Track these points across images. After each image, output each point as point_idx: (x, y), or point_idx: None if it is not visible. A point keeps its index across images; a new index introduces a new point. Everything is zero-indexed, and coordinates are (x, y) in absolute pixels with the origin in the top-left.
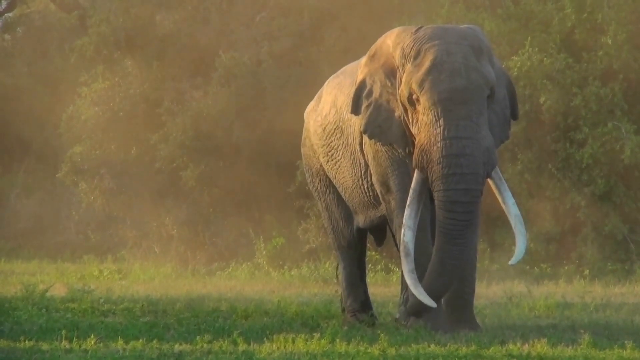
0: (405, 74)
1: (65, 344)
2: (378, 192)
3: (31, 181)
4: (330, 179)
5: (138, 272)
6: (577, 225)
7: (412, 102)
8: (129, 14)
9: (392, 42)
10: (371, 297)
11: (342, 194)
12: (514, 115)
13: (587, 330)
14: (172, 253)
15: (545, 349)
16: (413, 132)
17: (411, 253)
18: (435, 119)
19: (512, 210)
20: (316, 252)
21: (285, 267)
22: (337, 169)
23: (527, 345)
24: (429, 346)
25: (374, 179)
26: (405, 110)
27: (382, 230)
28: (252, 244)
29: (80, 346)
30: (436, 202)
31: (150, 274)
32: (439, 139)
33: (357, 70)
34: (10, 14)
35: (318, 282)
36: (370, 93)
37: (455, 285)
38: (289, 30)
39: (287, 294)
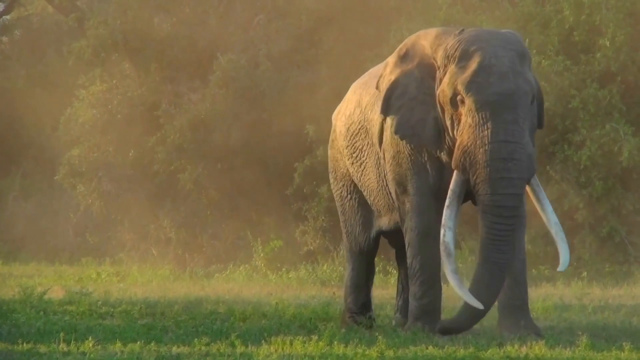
0: (448, 75)
1: (63, 346)
2: (392, 190)
3: (29, 184)
4: (354, 185)
5: (136, 275)
6: (575, 227)
7: (455, 103)
8: (127, 16)
9: (429, 43)
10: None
11: (367, 196)
12: (540, 124)
13: (585, 332)
14: (169, 255)
15: (543, 351)
16: (451, 134)
17: (452, 253)
18: (483, 122)
19: (551, 218)
20: (314, 255)
21: (283, 269)
22: (362, 170)
23: (525, 347)
24: (426, 348)
25: (390, 177)
26: (443, 111)
27: (400, 234)
28: (249, 247)
29: (78, 349)
30: (481, 206)
31: (148, 276)
32: (486, 142)
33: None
34: (7, 17)
35: (316, 285)
36: (403, 93)
37: (511, 289)
38: (287, 33)
39: (284, 297)
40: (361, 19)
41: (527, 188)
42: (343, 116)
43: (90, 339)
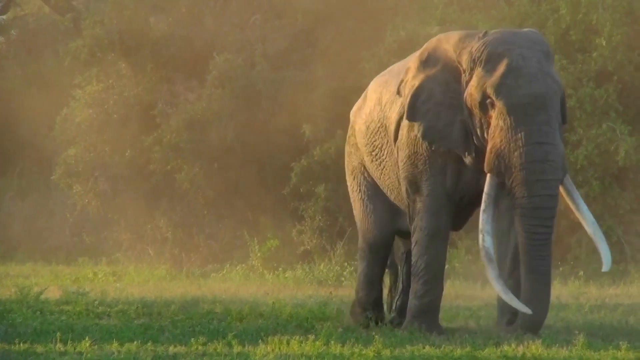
0: (475, 78)
1: (59, 346)
2: (403, 188)
3: (25, 184)
4: (370, 180)
5: (132, 275)
6: (571, 226)
7: (484, 106)
8: (123, 16)
9: (452, 46)
10: None
11: (389, 194)
12: (564, 120)
13: (581, 331)
14: (166, 255)
15: (540, 350)
16: (480, 136)
17: (493, 259)
18: (515, 124)
19: (587, 217)
20: (311, 254)
21: (280, 269)
22: (382, 169)
23: (521, 346)
24: (423, 348)
25: (402, 176)
26: (471, 114)
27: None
28: (246, 246)
29: (74, 348)
30: (518, 210)
31: (145, 276)
32: (520, 145)
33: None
34: (3, 17)
35: (312, 284)
36: (429, 98)
37: (512, 290)
38: (283, 33)
39: (281, 296)
40: (357, 18)
41: (561, 188)
42: (363, 114)
43: (87, 338)
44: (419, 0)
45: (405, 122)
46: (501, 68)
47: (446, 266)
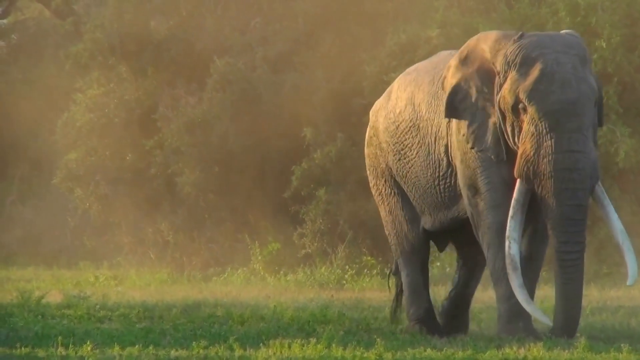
0: (509, 82)
1: (61, 350)
2: (465, 195)
3: (26, 188)
4: (396, 181)
5: (134, 278)
6: None
7: (516, 110)
8: (124, 20)
9: (489, 47)
10: (367, 302)
11: (411, 194)
12: (600, 122)
13: (583, 333)
14: (167, 259)
15: (541, 353)
16: (512, 140)
17: (518, 267)
18: (546, 131)
19: (616, 225)
20: (312, 257)
21: (281, 272)
22: (409, 168)
23: (523, 349)
24: (425, 350)
25: (462, 183)
26: (503, 117)
27: (445, 235)
28: (247, 250)
29: (76, 352)
30: (550, 222)
31: (146, 279)
32: (549, 152)
33: (435, 69)
34: (4, 21)
35: (314, 287)
36: (465, 98)
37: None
38: (284, 36)
39: (283, 299)
40: (358, 21)
41: (592, 196)
42: (391, 113)
43: (88, 342)
44: (420, 4)
45: (454, 129)
46: (535, 72)
47: (447, 269)
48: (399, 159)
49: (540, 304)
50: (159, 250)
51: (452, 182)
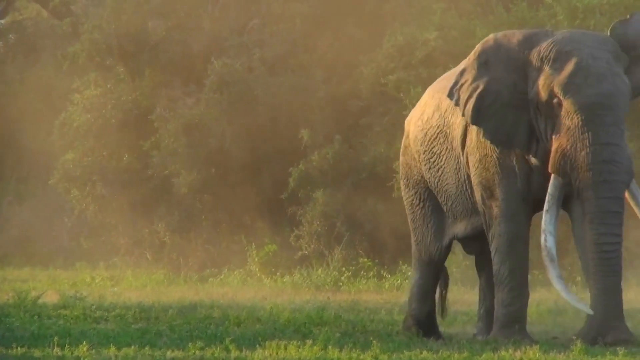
0: (543, 77)
1: (57, 350)
2: (478, 195)
3: (23, 188)
4: (428, 192)
5: (130, 279)
6: (569, 231)
7: (551, 105)
8: (121, 21)
9: (516, 45)
10: (363, 304)
11: (444, 202)
12: None
13: (579, 336)
14: (164, 260)
15: (537, 355)
16: (545, 137)
17: (555, 259)
18: (582, 124)
19: None
20: (308, 259)
21: (278, 273)
22: (440, 176)
23: (519, 351)
24: (421, 353)
25: (475, 182)
26: (537, 113)
27: (477, 240)
28: (244, 251)
29: (72, 353)
30: (588, 216)
31: (143, 280)
32: (587, 145)
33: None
34: (2, 21)
35: (310, 289)
36: (495, 101)
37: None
38: (281, 37)
39: (279, 301)
40: (355, 23)
41: (626, 192)
42: (420, 121)
43: (84, 343)
44: (417, 6)
45: (474, 129)
46: (570, 67)
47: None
48: (429, 168)
49: (537, 306)
50: (156, 251)
51: None
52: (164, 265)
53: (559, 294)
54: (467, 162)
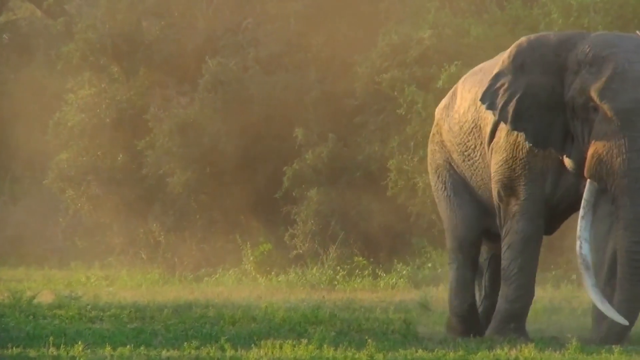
0: (579, 81)
1: (52, 350)
2: (495, 190)
3: (18, 188)
4: (454, 177)
5: (125, 279)
6: (564, 230)
7: (587, 109)
8: (116, 20)
9: (552, 48)
10: (358, 302)
11: (481, 195)
12: None
13: (574, 334)
14: (159, 259)
15: (532, 354)
16: (582, 140)
17: (590, 267)
18: (619, 129)
19: None
20: (303, 258)
21: (273, 273)
22: (474, 169)
23: (514, 350)
24: (416, 351)
25: (496, 178)
26: (573, 117)
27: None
28: (239, 250)
29: (67, 353)
30: (621, 221)
31: (138, 280)
32: (623, 151)
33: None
34: None
35: (305, 288)
36: (533, 103)
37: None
38: (276, 36)
39: (274, 300)
40: (350, 22)
41: None
42: (455, 113)
43: (79, 343)
44: (412, 5)
45: (503, 125)
46: (607, 71)
47: (438, 270)
48: (463, 160)
49: (532, 305)
50: (151, 250)
51: None
52: (158, 264)
53: (552, 292)
54: (491, 158)
